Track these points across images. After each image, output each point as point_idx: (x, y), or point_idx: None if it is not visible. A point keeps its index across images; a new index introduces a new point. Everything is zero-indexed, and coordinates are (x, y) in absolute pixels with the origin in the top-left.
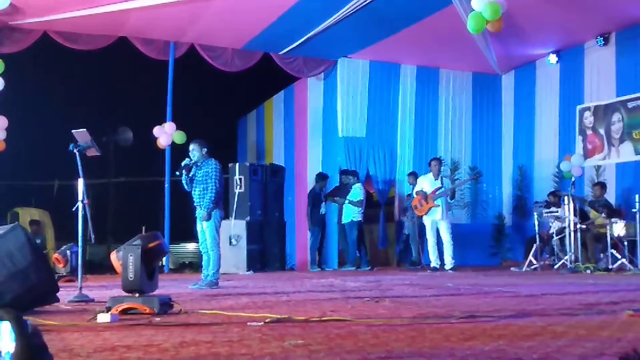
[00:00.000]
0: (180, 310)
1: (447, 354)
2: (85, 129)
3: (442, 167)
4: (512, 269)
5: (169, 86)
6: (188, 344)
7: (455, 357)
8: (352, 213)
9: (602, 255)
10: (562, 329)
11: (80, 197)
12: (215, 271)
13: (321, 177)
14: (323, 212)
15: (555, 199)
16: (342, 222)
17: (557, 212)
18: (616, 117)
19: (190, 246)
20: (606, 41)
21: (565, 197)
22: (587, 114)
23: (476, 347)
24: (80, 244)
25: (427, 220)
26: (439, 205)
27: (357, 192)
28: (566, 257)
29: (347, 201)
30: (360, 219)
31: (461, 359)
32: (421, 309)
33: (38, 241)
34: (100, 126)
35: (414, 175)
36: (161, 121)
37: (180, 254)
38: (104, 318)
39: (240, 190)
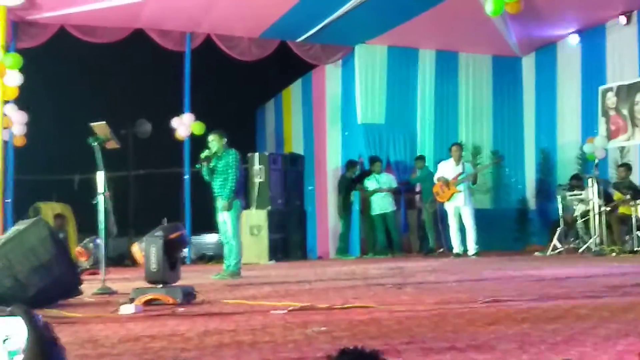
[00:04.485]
0: (203, 300)
1: (470, 338)
2: (104, 122)
3: (463, 152)
4: (536, 253)
5: (186, 77)
6: (211, 333)
7: (479, 341)
8: (391, 202)
9: (627, 237)
10: (586, 311)
11: (100, 190)
12: (237, 261)
13: (352, 164)
14: (352, 200)
15: (579, 181)
16: (381, 212)
17: (581, 194)
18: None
19: (212, 237)
20: (628, 20)
21: (589, 180)
22: (609, 94)
23: (499, 330)
24: (102, 236)
25: (449, 207)
26: (461, 191)
27: (391, 179)
28: (591, 240)
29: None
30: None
31: (484, 342)
32: (444, 294)
33: (62, 235)
34: (118, 119)
35: (422, 160)
36: (179, 112)
37: (202, 245)
38: (127, 309)
39: (260, 180)
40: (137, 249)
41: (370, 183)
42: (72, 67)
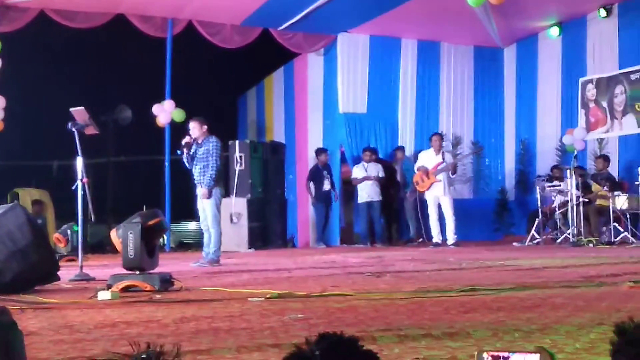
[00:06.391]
0: (181, 287)
1: (446, 326)
2: (83, 108)
3: (443, 142)
4: (514, 243)
5: (167, 63)
6: (189, 320)
7: (454, 329)
8: (377, 191)
9: (604, 228)
10: (561, 300)
11: (79, 176)
12: (216, 249)
13: (321, 152)
14: (327, 189)
15: (558, 172)
16: (370, 200)
17: (559, 186)
18: (619, 89)
19: (191, 225)
20: (609, 12)
21: (568, 171)
22: (589, 86)
23: (475, 319)
24: (80, 223)
25: (429, 196)
26: (440, 181)
27: (379, 168)
28: (569, 231)
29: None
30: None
31: (460, 330)
32: (422, 283)
33: (40, 221)
34: (98, 104)
35: (402, 150)
36: (160, 99)
37: (181, 233)
38: (104, 295)
39: (240, 168)
40: (115, 236)
41: (358, 171)
42: (51, 52)
